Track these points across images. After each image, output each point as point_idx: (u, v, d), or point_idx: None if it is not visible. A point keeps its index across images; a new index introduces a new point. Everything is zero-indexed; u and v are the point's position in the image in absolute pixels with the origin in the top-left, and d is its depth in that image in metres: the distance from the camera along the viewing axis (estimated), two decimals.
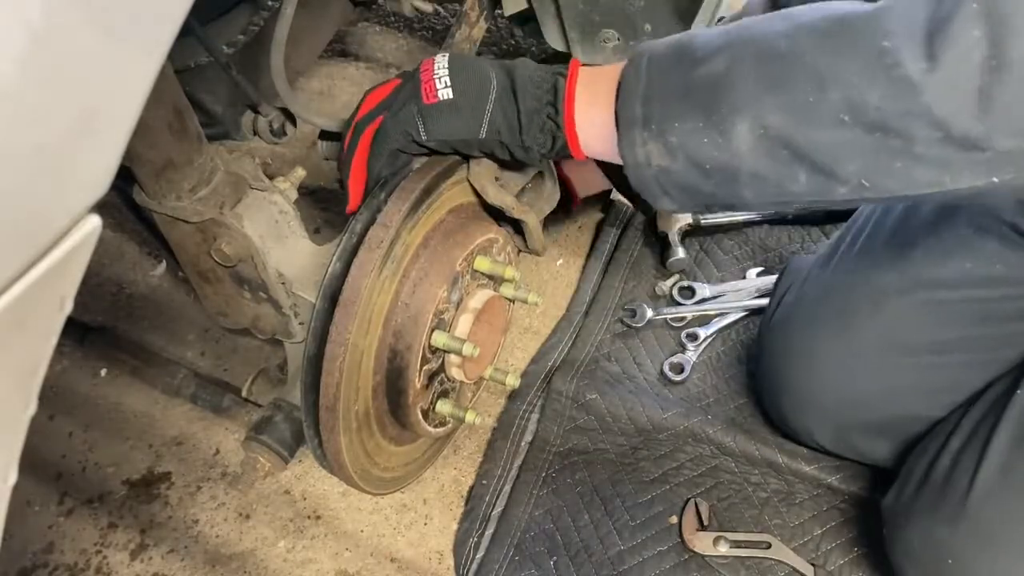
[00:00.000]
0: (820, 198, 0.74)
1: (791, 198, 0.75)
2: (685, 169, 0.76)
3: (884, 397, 1.16)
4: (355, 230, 0.88)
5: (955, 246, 1.10)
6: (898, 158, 0.67)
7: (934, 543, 1.02)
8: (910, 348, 1.12)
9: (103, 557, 1.26)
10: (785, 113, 0.69)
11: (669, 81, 0.76)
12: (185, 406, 1.39)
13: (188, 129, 0.83)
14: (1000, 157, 0.65)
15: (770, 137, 0.71)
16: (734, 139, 0.72)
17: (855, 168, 0.70)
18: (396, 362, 0.93)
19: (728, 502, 1.26)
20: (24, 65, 0.36)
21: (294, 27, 1.05)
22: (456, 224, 0.97)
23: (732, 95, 0.71)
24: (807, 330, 1.20)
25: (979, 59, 0.62)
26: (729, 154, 0.73)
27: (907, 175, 0.68)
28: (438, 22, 1.98)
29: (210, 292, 1.01)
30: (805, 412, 1.22)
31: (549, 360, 1.42)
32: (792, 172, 0.72)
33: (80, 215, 0.43)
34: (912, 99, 0.64)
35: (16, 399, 0.45)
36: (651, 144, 0.76)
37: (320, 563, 1.25)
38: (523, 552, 1.22)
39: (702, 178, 0.76)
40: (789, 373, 1.22)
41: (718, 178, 0.75)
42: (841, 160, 0.70)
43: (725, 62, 0.72)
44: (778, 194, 0.75)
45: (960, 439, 1.05)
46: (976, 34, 0.62)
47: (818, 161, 0.70)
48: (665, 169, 0.77)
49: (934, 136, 0.65)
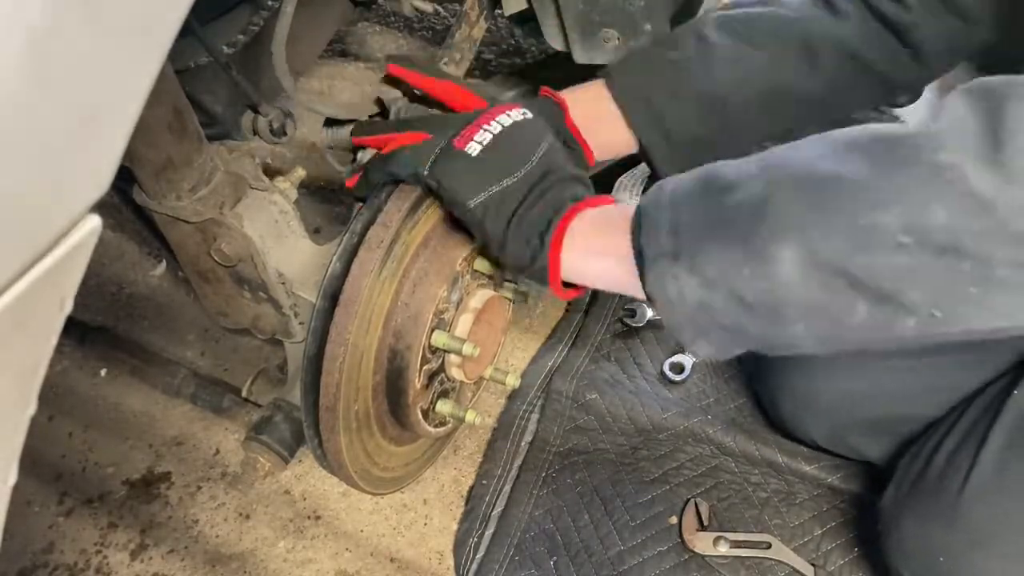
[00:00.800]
0: (884, 333, 0.65)
1: (850, 333, 0.66)
2: (725, 305, 0.67)
3: (879, 397, 1.17)
4: (355, 230, 0.88)
5: None
6: (974, 283, 0.60)
7: (927, 541, 1.02)
8: (906, 348, 1.12)
9: (103, 557, 1.26)
10: (835, 238, 0.62)
11: (699, 210, 0.69)
12: (185, 406, 1.39)
13: (188, 129, 0.83)
14: None
15: (820, 264, 0.63)
16: (779, 268, 0.64)
17: (923, 296, 0.61)
18: (396, 362, 0.93)
19: (728, 502, 1.26)
20: (24, 65, 0.36)
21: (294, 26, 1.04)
22: (456, 224, 0.97)
23: (773, 221, 0.64)
24: None
25: None
26: (774, 284, 0.65)
27: (986, 304, 0.61)
28: (438, 22, 1.98)
29: (210, 292, 1.01)
30: (802, 411, 1.23)
31: (549, 360, 1.42)
32: (850, 302, 0.63)
33: (80, 215, 0.43)
34: (986, 217, 0.57)
35: (16, 399, 0.45)
36: (684, 279, 0.68)
37: (320, 563, 1.25)
38: (523, 552, 1.22)
39: (745, 314, 0.67)
40: (787, 372, 1.23)
41: (763, 313, 0.67)
42: (906, 287, 0.61)
43: (761, 187, 0.66)
44: (834, 328, 0.66)
45: (955, 439, 1.06)
46: None
47: (879, 288, 0.62)
48: (704, 305, 0.68)
49: (1017, 257, 0.58)
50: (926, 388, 1.13)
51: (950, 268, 0.60)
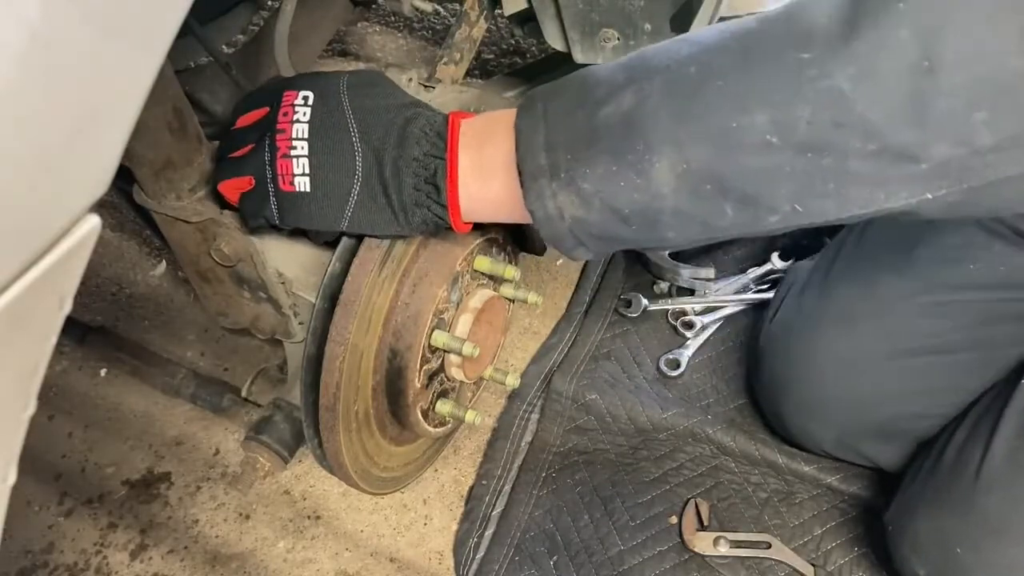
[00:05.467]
0: (748, 230, 0.68)
1: (717, 233, 0.70)
2: (602, 217, 0.69)
3: (887, 399, 1.16)
4: None
5: (960, 248, 1.10)
6: (831, 178, 0.62)
7: (942, 534, 1.02)
8: (913, 350, 1.12)
9: (103, 557, 1.26)
10: (708, 144, 0.63)
11: (572, 124, 0.69)
12: (185, 406, 1.39)
13: (188, 129, 0.83)
14: (935, 169, 0.60)
15: (693, 172, 0.64)
16: (654, 179, 0.66)
17: (786, 193, 0.64)
18: (396, 362, 0.93)
19: (728, 502, 1.26)
20: (23, 64, 0.36)
21: (294, 26, 1.05)
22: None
23: (645, 132, 0.65)
24: (808, 334, 1.19)
25: (910, 61, 0.57)
26: (649, 195, 0.66)
27: (841, 195, 0.63)
28: (438, 22, 1.98)
29: (210, 292, 1.01)
30: (808, 417, 1.21)
31: (549, 360, 1.42)
32: (718, 207, 0.66)
33: (79, 215, 0.43)
34: (845, 110, 0.59)
35: (16, 399, 0.45)
36: (562, 195, 0.69)
37: (320, 563, 1.24)
38: (523, 552, 1.22)
39: (621, 224, 0.69)
40: (791, 377, 1.21)
41: (638, 222, 0.69)
42: (771, 187, 0.64)
43: (632, 98, 0.66)
44: (703, 231, 0.69)
45: (965, 432, 1.05)
46: (904, 34, 0.57)
47: (746, 191, 0.64)
48: (580, 220, 0.70)
49: (869, 148, 0.60)
50: (933, 388, 1.12)
51: (811, 164, 0.62)
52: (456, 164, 0.76)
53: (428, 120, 0.78)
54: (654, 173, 0.65)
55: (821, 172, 0.62)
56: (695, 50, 0.66)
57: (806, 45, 0.60)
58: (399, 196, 0.77)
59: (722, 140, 0.63)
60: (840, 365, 1.16)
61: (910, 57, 0.57)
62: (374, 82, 0.81)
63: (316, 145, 0.77)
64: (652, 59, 0.68)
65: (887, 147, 0.60)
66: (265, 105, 0.82)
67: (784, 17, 0.63)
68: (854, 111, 0.59)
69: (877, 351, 1.14)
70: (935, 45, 0.57)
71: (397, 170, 0.76)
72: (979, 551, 0.99)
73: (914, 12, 0.57)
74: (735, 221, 0.67)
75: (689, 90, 0.64)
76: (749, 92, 0.62)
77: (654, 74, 0.66)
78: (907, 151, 0.60)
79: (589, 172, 0.67)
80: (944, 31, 0.56)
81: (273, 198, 0.79)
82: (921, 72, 0.57)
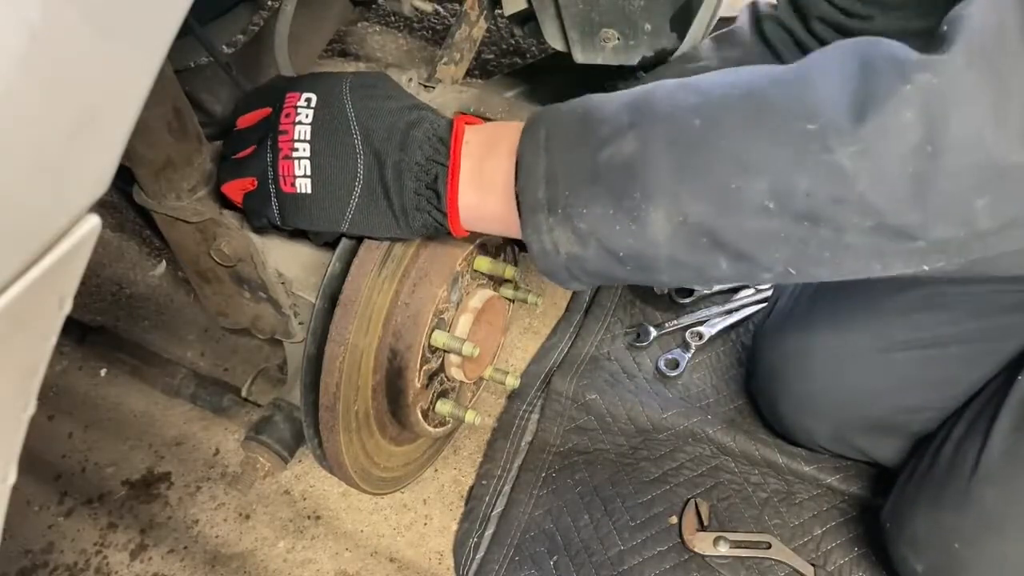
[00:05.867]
0: (743, 281, 0.69)
1: (711, 281, 0.71)
2: (597, 256, 0.69)
3: (880, 393, 1.16)
4: None
5: None
6: (827, 248, 0.63)
7: (940, 529, 1.02)
8: (904, 343, 1.12)
9: (103, 557, 1.26)
10: (706, 201, 0.64)
11: (573, 160, 0.68)
12: (185, 406, 1.39)
13: (188, 129, 0.83)
14: (933, 247, 0.61)
15: (689, 225, 0.65)
16: (649, 227, 0.66)
17: (781, 257, 0.65)
18: (396, 362, 0.93)
19: (728, 502, 1.26)
20: (23, 64, 0.36)
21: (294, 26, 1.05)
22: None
23: (645, 182, 0.65)
24: (802, 331, 1.20)
25: (913, 144, 0.57)
26: (645, 242, 0.67)
27: (836, 264, 0.64)
28: (438, 22, 1.98)
29: (210, 292, 1.01)
30: (803, 413, 1.22)
31: (549, 360, 1.43)
32: (713, 259, 0.66)
33: (79, 215, 0.43)
34: (844, 187, 0.59)
35: (16, 399, 0.45)
36: (558, 230, 0.69)
37: (320, 563, 1.25)
38: (523, 552, 1.22)
39: (616, 264, 0.70)
40: (786, 374, 1.22)
41: (632, 265, 0.69)
42: (766, 249, 0.64)
43: (634, 143, 0.66)
44: (697, 278, 0.70)
45: (962, 428, 1.06)
46: (909, 116, 0.57)
47: (741, 249, 0.65)
48: (576, 256, 0.70)
49: (866, 224, 0.60)
50: (928, 382, 1.13)
51: (808, 232, 0.62)
52: (458, 172, 0.76)
53: (432, 124, 0.78)
54: (650, 222, 0.66)
55: (817, 241, 0.63)
56: (701, 101, 0.65)
57: (812, 117, 0.60)
58: (400, 200, 0.77)
59: (720, 199, 0.63)
60: (832, 359, 1.17)
61: (913, 140, 0.57)
62: (377, 84, 0.81)
63: (318, 147, 0.77)
64: (657, 103, 0.67)
65: (884, 225, 0.60)
66: (267, 105, 0.82)
67: (794, 82, 0.63)
68: (854, 189, 0.59)
69: (869, 345, 1.14)
70: (939, 130, 0.57)
71: (399, 174, 0.76)
72: (977, 547, 0.99)
73: (920, 96, 0.57)
74: (729, 274, 0.68)
75: (691, 144, 0.64)
76: (751, 156, 0.62)
77: (657, 121, 0.66)
78: (906, 231, 0.60)
79: (587, 212, 0.67)
80: (948, 118, 0.57)
81: (275, 199, 0.79)
82: (924, 155, 0.57)
